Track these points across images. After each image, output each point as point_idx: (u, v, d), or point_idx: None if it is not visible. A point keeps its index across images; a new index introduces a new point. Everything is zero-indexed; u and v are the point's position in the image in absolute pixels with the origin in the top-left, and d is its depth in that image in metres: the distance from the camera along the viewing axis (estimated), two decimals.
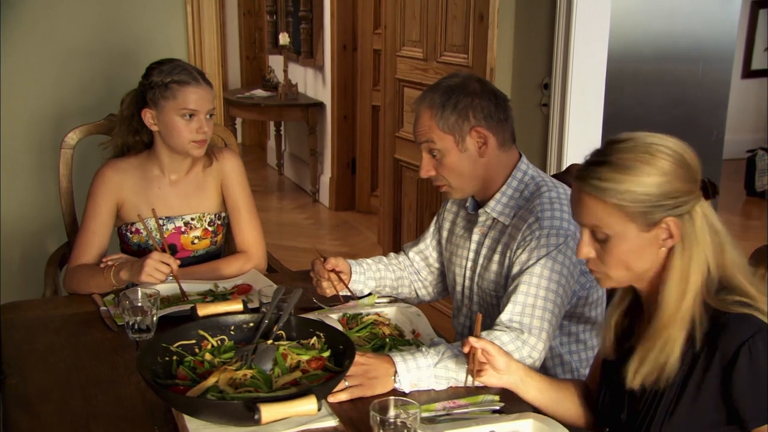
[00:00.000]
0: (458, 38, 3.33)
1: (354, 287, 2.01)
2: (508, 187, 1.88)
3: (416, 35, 3.64)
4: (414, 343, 1.79)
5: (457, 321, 2.08)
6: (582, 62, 2.89)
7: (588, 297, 1.90)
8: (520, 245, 1.80)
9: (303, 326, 1.64)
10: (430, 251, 2.14)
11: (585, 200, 1.37)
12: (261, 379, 1.46)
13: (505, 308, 1.74)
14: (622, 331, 1.49)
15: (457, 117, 1.81)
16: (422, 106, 1.86)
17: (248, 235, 2.29)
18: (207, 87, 2.15)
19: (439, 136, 1.83)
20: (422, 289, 2.15)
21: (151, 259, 1.96)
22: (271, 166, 7.25)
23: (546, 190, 1.84)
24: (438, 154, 1.85)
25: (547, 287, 1.73)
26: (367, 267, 2.05)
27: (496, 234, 1.90)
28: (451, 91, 1.83)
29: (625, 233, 1.35)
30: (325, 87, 5.90)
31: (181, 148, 2.16)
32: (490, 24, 3.09)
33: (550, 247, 1.75)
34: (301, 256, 4.54)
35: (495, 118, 1.84)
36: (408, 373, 1.58)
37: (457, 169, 1.85)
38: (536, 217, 1.79)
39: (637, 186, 1.32)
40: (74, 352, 1.78)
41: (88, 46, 2.91)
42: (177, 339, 1.58)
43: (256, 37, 7.66)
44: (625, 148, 1.35)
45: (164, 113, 2.13)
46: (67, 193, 2.51)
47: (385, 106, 3.98)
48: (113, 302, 1.99)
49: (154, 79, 2.14)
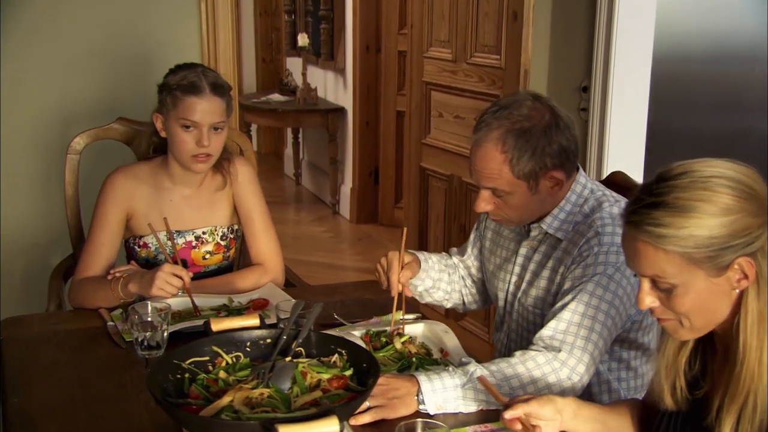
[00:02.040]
0: (490, 38, 3.34)
1: (414, 282, 2.02)
2: (567, 202, 1.87)
3: (445, 35, 3.66)
4: (442, 362, 1.79)
5: (497, 336, 2.09)
6: (624, 63, 2.88)
7: (642, 321, 1.89)
8: (576, 260, 1.79)
9: (324, 343, 1.65)
10: (472, 261, 2.16)
11: (641, 249, 1.29)
12: (279, 398, 1.47)
13: (547, 323, 1.73)
14: (691, 374, 1.40)
15: (534, 164, 1.77)
16: (488, 145, 1.79)
17: (264, 246, 2.31)
18: (215, 99, 2.14)
19: (510, 182, 1.79)
20: (468, 296, 2.18)
21: (162, 272, 1.98)
22: (288, 175, 7.29)
23: (608, 205, 1.84)
24: (504, 195, 1.82)
25: (597, 307, 1.72)
26: (432, 264, 2.08)
27: (547, 249, 1.90)
28: (527, 132, 1.77)
29: (693, 282, 1.27)
30: (347, 91, 5.94)
31: (182, 161, 2.18)
32: (524, 22, 3.10)
33: (608, 265, 1.74)
34: (319, 272, 4.56)
35: (569, 152, 1.82)
36: (433, 393, 1.58)
37: (523, 208, 1.85)
38: (596, 232, 1.78)
39: (700, 230, 1.24)
40: (79, 370, 1.80)
41: (96, 46, 2.96)
42: (189, 355, 1.59)
43: (273, 38, 7.73)
44: (681, 186, 1.27)
45: (168, 120, 2.16)
46: (73, 201, 2.53)
47: (411, 111, 4.00)
48: (121, 317, 2.02)
49: (166, 82, 2.18)
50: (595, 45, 2.92)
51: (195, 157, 2.15)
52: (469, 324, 3.62)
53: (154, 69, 2.68)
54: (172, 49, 3.00)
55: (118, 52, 2.98)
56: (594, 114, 2.95)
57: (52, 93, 2.93)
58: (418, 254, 2.05)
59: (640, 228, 1.28)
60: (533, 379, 1.65)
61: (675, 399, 1.40)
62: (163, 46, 3.01)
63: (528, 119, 1.78)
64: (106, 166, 2.32)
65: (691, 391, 1.39)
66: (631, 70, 2.91)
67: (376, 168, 5.82)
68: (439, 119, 3.77)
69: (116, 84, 2.95)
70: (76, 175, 2.52)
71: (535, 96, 1.84)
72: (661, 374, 1.41)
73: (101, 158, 2.61)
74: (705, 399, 1.35)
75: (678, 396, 1.40)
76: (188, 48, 3.05)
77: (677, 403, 1.40)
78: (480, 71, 3.42)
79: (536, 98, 1.83)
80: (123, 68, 2.98)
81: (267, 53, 7.81)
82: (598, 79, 2.93)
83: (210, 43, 3.09)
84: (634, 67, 2.91)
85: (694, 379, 1.40)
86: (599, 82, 2.93)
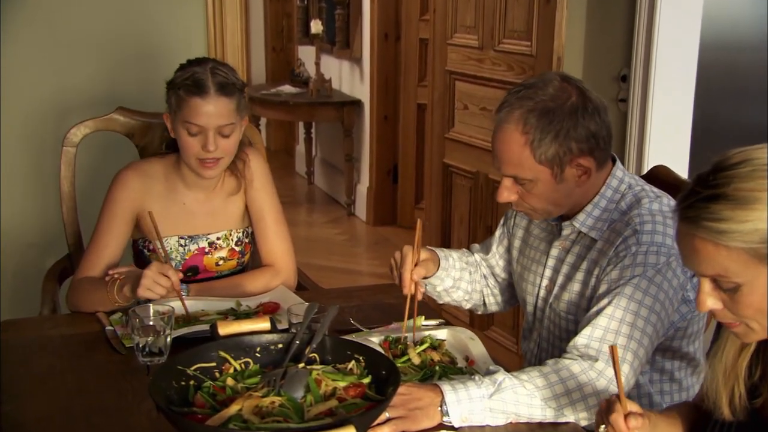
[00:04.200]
0: (520, 23, 3.34)
1: (432, 282, 2.03)
2: (602, 198, 1.86)
3: (470, 20, 3.66)
4: (468, 371, 1.80)
5: (526, 344, 2.09)
6: (668, 50, 2.88)
7: (687, 329, 1.88)
8: (612, 261, 1.78)
9: (339, 348, 1.65)
10: (497, 260, 2.15)
11: (700, 247, 1.26)
12: (291, 407, 1.47)
13: (582, 331, 1.72)
14: (750, 381, 1.37)
15: (558, 148, 1.76)
16: (509, 126, 1.78)
17: (275, 246, 2.32)
18: (222, 100, 2.12)
19: (531, 167, 1.78)
20: (490, 296, 2.17)
21: (149, 270, 1.98)
22: (300, 174, 7.32)
23: (648, 201, 1.82)
24: (527, 183, 1.82)
25: (636, 312, 1.71)
26: (451, 263, 2.08)
27: (581, 249, 1.89)
28: (551, 112, 1.75)
29: (759, 280, 1.25)
30: (364, 82, 5.95)
31: (190, 166, 2.19)
32: (558, 5, 3.10)
33: (647, 266, 1.73)
34: (333, 278, 4.57)
35: (599, 139, 1.80)
36: (458, 404, 1.58)
37: (549, 198, 1.84)
38: (634, 230, 1.77)
39: (765, 222, 1.22)
40: (77, 377, 1.82)
41: (95, 32, 2.98)
42: (195, 361, 1.60)
43: (283, 25, 7.77)
44: (741, 175, 1.24)
45: (175, 122, 2.17)
46: (69, 198, 2.55)
47: (433, 103, 4.01)
48: (121, 321, 2.03)
49: (172, 80, 2.17)
50: (635, 30, 2.92)
51: (202, 162, 2.16)
52: (495, 334, 3.62)
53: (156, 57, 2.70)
54: (176, 35, 3.02)
55: (119, 38, 3.00)
56: (634, 105, 2.95)
57: (47, 81, 2.95)
58: (438, 251, 2.05)
59: (698, 224, 1.26)
60: (567, 389, 1.65)
61: (733, 408, 1.38)
62: (167, 32, 3.03)
63: (553, 99, 1.77)
64: (105, 160, 2.34)
65: (749, 399, 1.37)
66: (675, 58, 2.90)
67: (394, 166, 5.84)
68: (463, 112, 3.78)
69: (116, 71, 2.97)
70: (72, 169, 2.53)
71: (564, 76, 1.84)
72: (719, 381, 1.39)
73: (100, 151, 2.62)
74: (764, 408, 1.34)
75: (736, 404, 1.38)
76: (193, 35, 3.07)
77: (735, 413, 1.38)
78: (509, 59, 3.41)
79: (564, 79, 1.82)
80: (123, 55, 2.99)
81: (277, 41, 7.84)
82: (638, 67, 2.93)
83: (216, 30, 3.11)
84: (679, 54, 2.90)
85: (753, 387, 1.38)
86: (640, 71, 2.93)
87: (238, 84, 2.18)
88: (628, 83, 2.99)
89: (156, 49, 2.90)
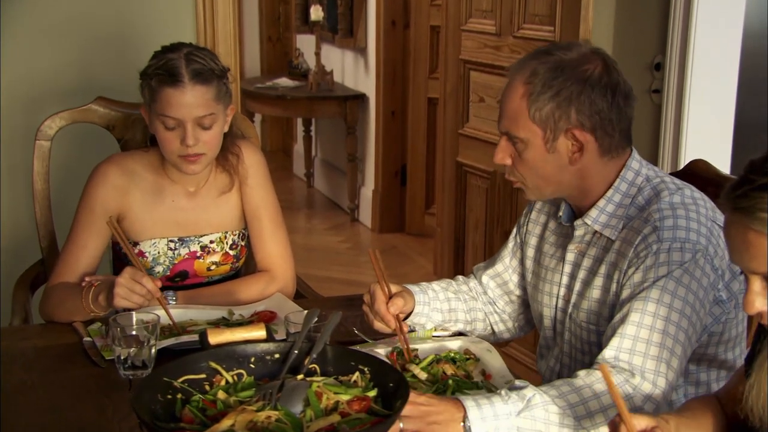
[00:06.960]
0: (542, 6, 3.36)
1: (415, 321, 2.02)
2: (616, 192, 1.87)
3: (487, 4, 3.68)
4: (484, 386, 1.80)
5: (545, 363, 2.08)
6: (707, 37, 2.88)
7: (723, 333, 1.87)
8: (633, 263, 1.78)
9: (342, 358, 1.66)
10: (510, 274, 2.14)
11: (754, 241, 1.26)
12: (289, 423, 1.47)
13: (609, 343, 1.72)
14: None
15: (554, 108, 1.79)
16: (518, 75, 1.83)
17: (272, 249, 2.32)
18: (198, 88, 2.10)
19: (524, 125, 1.82)
20: (499, 323, 2.16)
21: (121, 278, 1.98)
22: (299, 176, 7.33)
23: (668, 194, 1.82)
24: (519, 144, 1.85)
25: (666, 317, 1.71)
26: (433, 295, 2.07)
27: (598, 252, 1.89)
28: (561, 70, 1.79)
29: None
30: (369, 75, 5.97)
31: (171, 162, 2.19)
32: None
33: (672, 265, 1.73)
34: (335, 289, 4.56)
35: (605, 120, 1.81)
36: (482, 421, 1.58)
37: (537, 169, 1.86)
38: (653, 227, 1.77)
39: None
40: (51, 393, 1.82)
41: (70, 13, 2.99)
42: (182, 372, 1.60)
43: (280, 11, 7.79)
44: None
45: (151, 115, 2.17)
46: (43, 196, 2.55)
47: (446, 96, 4.02)
48: (100, 332, 2.04)
49: (145, 69, 2.16)
50: (671, 12, 2.92)
51: (183, 158, 2.15)
52: (514, 350, 3.62)
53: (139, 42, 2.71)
54: (162, 18, 3.03)
55: (97, 21, 3.01)
56: (669, 96, 2.95)
57: (17, 68, 2.96)
58: (411, 286, 2.05)
59: (753, 215, 1.25)
60: (603, 406, 1.64)
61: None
62: (151, 15, 3.04)
63: (571, 61, 1.80)
64: (82, 156, 2.34)
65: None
66: (715, 45, 2.91)
67: (403, 167, 5.84)
68: (479, 105, 3.79)
69: (95, 58, 2.98)
70: (46, 165, 2.54)
71: (596, 49, 1.86)
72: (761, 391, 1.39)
73: (77, 145, 2.63)
74: None
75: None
76: (181, 21, 3.07)
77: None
78: (529, 46, 3.42)
79: (596, 51, 1.85)
80: (102, 40, 3.00)
81: (273, 30, 7.87)
82: (674, 54, 2.93)
83: (207, 16, 3.11)
84: (720, 41, 2.91)
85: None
86: (676, 59, 2.93)
87: (217, 70, 2.16)
88: (662, 72, 3.00)
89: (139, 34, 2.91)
